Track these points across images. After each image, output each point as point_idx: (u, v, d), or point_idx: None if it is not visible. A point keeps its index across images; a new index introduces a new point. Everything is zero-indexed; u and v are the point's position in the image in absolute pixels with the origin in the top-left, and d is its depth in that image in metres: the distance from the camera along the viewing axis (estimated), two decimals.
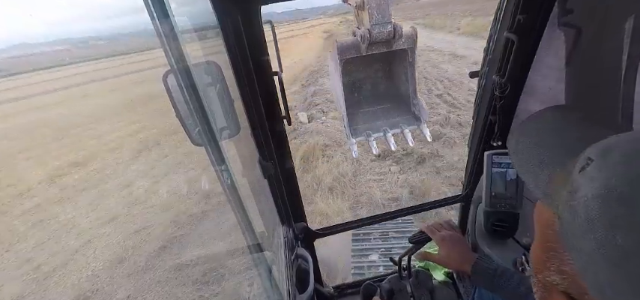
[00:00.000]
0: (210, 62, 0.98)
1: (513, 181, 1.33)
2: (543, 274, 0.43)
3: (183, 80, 0.73)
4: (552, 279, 0.40)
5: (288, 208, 1.45)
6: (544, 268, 0.42)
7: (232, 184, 0.93)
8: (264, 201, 1.37)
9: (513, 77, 1.26)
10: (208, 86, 0.97)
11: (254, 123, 1.14)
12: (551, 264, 0.40)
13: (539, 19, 1.16)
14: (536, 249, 0.45)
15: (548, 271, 0.41)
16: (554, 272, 0.40)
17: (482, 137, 1.49)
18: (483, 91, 1.42)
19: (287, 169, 1.39)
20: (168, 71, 0.77)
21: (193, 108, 0.77)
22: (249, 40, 1.04)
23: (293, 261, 1.36)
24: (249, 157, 1.26)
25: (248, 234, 1.08)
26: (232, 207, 0.99)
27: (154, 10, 0.61)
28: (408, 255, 1.61)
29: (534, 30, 1.18)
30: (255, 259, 1.19)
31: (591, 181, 0.32)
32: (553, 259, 0.40)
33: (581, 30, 1.07)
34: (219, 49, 1.00)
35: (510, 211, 1.36)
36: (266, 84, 1.14)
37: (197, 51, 0.98)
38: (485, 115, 1.43)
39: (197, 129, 0.82)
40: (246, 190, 1.18)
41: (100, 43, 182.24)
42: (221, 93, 1.01)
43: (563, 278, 0.38)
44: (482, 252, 1.49)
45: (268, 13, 1.12)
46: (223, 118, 1.03)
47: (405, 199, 4.53)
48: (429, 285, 1.71)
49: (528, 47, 1.21)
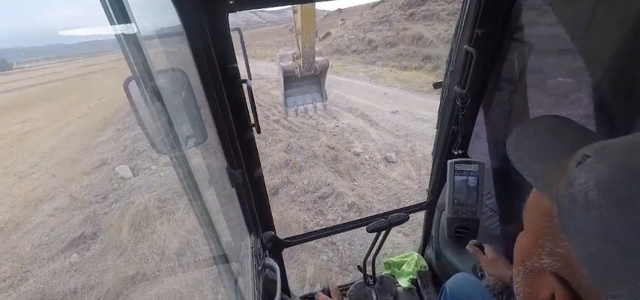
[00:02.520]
0: (176, 69, 0.97)
1: (474, 188, 1.40)
2: (531, 260, 0.47)
3: (147, 87, 0.72)
4: (543, 262, 0.44)
5: (257, 216, 1.44)
6: (533, 254, 0.47)
7: (198, 193, 0.93)
8: (231, 210, 1.36)
9: (474, 88, 1.33)
10: (174, 94, 0.95)
11: (222, 131, 1.13)
12: (544, 248, 0.44)
13: (497, 34, 1.23)
14: (527, 237, 0.50)
15: (538, 256, 0.45)
16: (546, 255, 0.44)
17: (446, 146, 1.55)
18: (446, 102, 1.48)
19: (255, 178, 1.38)
20: (129, 78, 0.76)
21: (157, 116, 0.77)
22: (217, 48, 1.03)
23: (260, 271, 1.35)
24: (217, 165, 1.25)
25: (213, 244, 1.07)
26: (197, 216, 0.98)
27: (113, 16, 0.60)
28: (373, 259, 1.65)
29: (492, 44, 1.24)
30: (220, 270, 1.18)
31: (589, 172, 0.37)
32: (546, 244, 0.44)
33: (532, 45, 1.15)
34: (185, 57, 0.99)
35: (471, 217, 1.42)
36: (234, 92, 1.14)
37: (162, 58, 0.97)
38: (448, 124, 1.49)
39: (161, 137, 0.82)
40: (213, 199, 1.17)
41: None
42: (187, 101, 1.00)
43: (555, 260, 0.42)
44: (445, 258, 1.55)
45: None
46: (190, 126, 1.02)
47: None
48: (393, 290, 1.77)
49: (487, 60, 1.28)
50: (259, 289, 1.26)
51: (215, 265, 1.13)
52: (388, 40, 14.21)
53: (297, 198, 4.54)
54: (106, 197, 5.30)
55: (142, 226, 4.37)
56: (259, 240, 1.47)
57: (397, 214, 1.51)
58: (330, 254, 3.35)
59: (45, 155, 8.02)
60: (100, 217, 4.72)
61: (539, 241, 0.45)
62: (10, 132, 11.00)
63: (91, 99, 15.24)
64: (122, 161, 6.67)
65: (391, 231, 1.51)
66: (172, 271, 3.51)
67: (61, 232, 4.48)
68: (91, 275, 3.62)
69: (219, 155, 1.20)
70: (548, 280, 0.43)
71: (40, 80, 31.71)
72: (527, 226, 0.50)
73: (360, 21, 18.10)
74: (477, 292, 1.16)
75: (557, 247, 0.42)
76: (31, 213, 5.17)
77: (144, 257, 3.79)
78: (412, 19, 14.57)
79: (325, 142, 5.84)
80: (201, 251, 3.74)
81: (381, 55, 13.81)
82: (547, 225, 0.44)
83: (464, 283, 1.23)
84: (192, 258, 3.68)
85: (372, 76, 11.93)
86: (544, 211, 0.45)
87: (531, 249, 0.47)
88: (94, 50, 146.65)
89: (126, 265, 3.69)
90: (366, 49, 15.01)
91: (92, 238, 4.31)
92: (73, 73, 36.06)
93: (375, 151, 5.79)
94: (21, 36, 70.87)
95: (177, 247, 3.86)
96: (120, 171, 6.10)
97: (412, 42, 12.91)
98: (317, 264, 3.17)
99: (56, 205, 5.28)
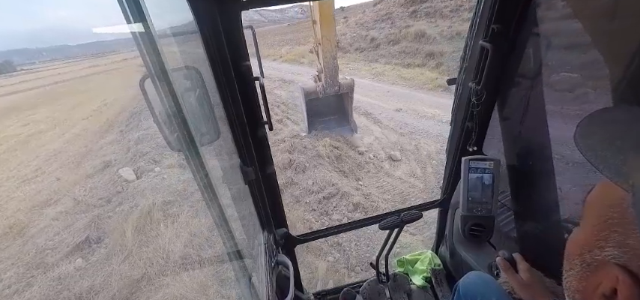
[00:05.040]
0: (190, 67, 0.97)
1: (489, 185, 1.37)
2: (592, 253, 0.46)
3: (162, 85, 0.71)
4: (606, 254, 0.43)
5: (269, 213, 1.44)
6: (594, 246, 0.46)
7: (212, 189, 0.92)
8: (244, 207, 1.36)
9: (489, 84, 1.30)
10: (188, 91, 0.95)
11: (235, 128, 1.13)
12: (609, 240, 0.43)
13: (513, 29, 1.21)
14: (587, 229, 0.49)
15: (601, 249, 0.44)
16: (612, 247, 0.43)
17: (460, 143, 1.53)
18: (460, 99, 1.46)
19: (268, 175, 1.37)
20: (145, 76, 0.74)
21: (172, 113, 0.76)
22: (230, 46, 1.03)
23: (273, 268, 1.34)
24: (230, 162, 1.24)
25: (227, 241, 1.06)
26: (211, 213, 0.97)
27: (130, 15, 0.60)
28: (386, 256, 1.63)
29: (508, 39, 1.22)
30: (234, 266, 1.17)
31: None
32: (612, 236, 0.43)
33: (550, 39, 1.12)
34: (199, 55, 0.99)
35: (486, 215, 1.40)
36: (247, 89, 1.13)
37: (176, 56, 0.96)
38: (463, 121, 1.47)
39: (176, 134, 0.81)
40: (227, 196, 1.16)
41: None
42: (201, 98, 1.00)
43: (624, 251, 0.41)
44: (459, 256, 1.53)
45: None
46: (203, 124, 1.01)
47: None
48: (406, 288, 1.75)
49: (502, 55, 1.26)
50: (273, 285, 1.25)
51: (229, 262, 1.12)
52: (391, 38, 14.18)
53: (301, 198, 4.51)
54: (110, 200, 5.29)
55: (147, 230, 4.33)
56: (272, 237, 1.46)
57: (409, 212, 1.49)
58: (337, 255, 3.32)
59: (49, 158, 8.04)
60: (104, 220, 4.72)
61: (604, 233, 0.44)
62: (15, 134, 11.07)
63: (95, 101, 15.27)
64: (126, 163, 6.64)
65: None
66: (177, 274, 3.48)
67: (66, 237, 4.48)
68: (96, 280, 3.61)
69: (232, 152, 1.20)
70: (610, 273, 0.42)
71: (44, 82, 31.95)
72: (589, 219, 0.49)
73: (363, 19, 18.10)
74: (491, 290, 1.12)
75: (627, 238, 0.41)
76: (35, 217, 5.17)
77: (148, 261, 3.76)
78: (414, 16, 14.54)
79: (329, 142, 5.81)
80: (211, 252, 3.72)
81: (383, 53, 13.77)
82: (616, 215, 0.43)
83: (477, 281, 1.20)
84: (198, 260, 3.65)
85: (374, 74, 11.91)
86: (613, 201, 0.44)
87: (593, 241, 0.46)
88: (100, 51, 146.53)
89: (131, 268, 3.68)
90: (368, 47, 14.99)
91: (97, 242, 4.30)
92: (77, 75, 36.16)
93: (379, 149, 5.76)
94: (31, 36, 67.03)
95: (181, 250, 3.82)
96: (123, 173, 6.05)
97: (415, 39, 12.87)
98: (323, 266, 3.14)
99: (60, 208, 5.28)
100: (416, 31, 13.04)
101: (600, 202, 0.47)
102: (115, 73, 31.91)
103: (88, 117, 12.34)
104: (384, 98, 8.81)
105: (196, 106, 0.99)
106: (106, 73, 34.14)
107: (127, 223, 4.44)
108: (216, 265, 3.51)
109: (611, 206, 0.44)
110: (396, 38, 13.85)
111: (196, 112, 0.99)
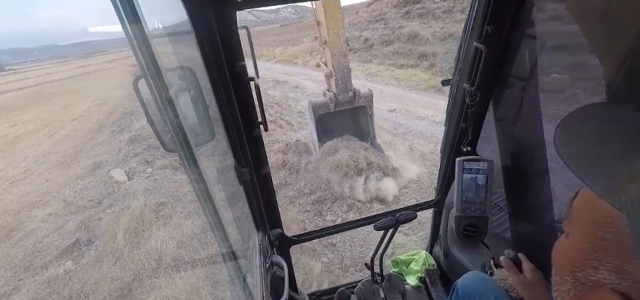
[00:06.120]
0: (185, 67, 0.96)
1: (483, 186, 1.38)
2: (585, 272, 0.41)
3: (156, 85, 0.70)
4: (601, 277, 0.38)
5: (264, 214, 1.43)
6: (587, 265, 0.40)
7: (206, 190, 0.91)
8: (239, 207, 1.35)
9: (483, 85, 1.31)
10: (182, 92, 0.94)
11: (229, 129, 1.12)
12: (603, 262, 0.38)
13: (506, 30, 1.22)
14: (579, 244, 0.43)
15: (595, 269, 0.39)
16: (608, 271, 0.38)
17: (454, 144, 1.53)
18: (454, 99, 1.47)
19: (263, 175, 1.37)
20: (139, 76, 0.74)
21: (166, 113, 0.75)
22: (225, 46, 1.02)
23: (268, 268, 1.33)
24: (225, 163, 1.23)
25: (222, 242, 1.06)
26: (206, 214, 0.96)
27: (124, 15, 0.59)
28: (380, 257, 1.63)
29: (502, 41, 1.23)
30: (229, 267, 1.16)
31: None
32: (608, 258, 0.38)
33: (544, 41, 1.13)
34: (193, 55, 0.98)
35: (480, 215, 1.41)
36: (241, 90, 1.12)
37: (170, 56, 0.95)
38: (457, 122, 1.47)
39: (170, 135, 0.80)
40: (221, 197, 1.15)
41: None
42: (195, 98, 0.99)
43: (622, 278, 0.36)
44: (454, 256, 1.54)
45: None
46: (198, 124, 1.01)
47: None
48: (401, 288, 1.75)
49: (496, 57, 1.26)
50: (267, 286, 1.24)
51: (223, 263, 1.12)
52: (384, 39, 14.27)
53: (295, 199, 4.49)
54: (101, 202, 5.21)
55: (139, 232, 4.26)
56: (267, 237, 1.46)
57: (404, 212, 1.50)
58: (331, 256, 3.33)
59: (38, 159, 7.90)
60: (94, 222, 4.64)
61: (597, 253, 0.40)
62: (2, 135, 10.87)
63: (85, 101, 15.07)
64: (117, 164, 6.54)
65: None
66: (169, 276, 3.42)
67: (55, 239, 4.41)
68: (86, 283, 3.55)
69: (227, 152, 1.19)
70: (606, 299, 0.38)
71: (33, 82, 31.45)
72: (578, 231, 0.44)
73: (356, 19, 18.15)
74: (489, 290, 1.13)
75: (624, 264, 0.36)
76: (24, 219, 5.08)
77: (140, 263, 3.70)
78: (408, 17, 14.66)
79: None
80: (204, 253, 3.69)
81: (377, 54, 13.85)
82: (609, 237, 0.38)
83: (476, 281, 1.20)
84: (191, 262, 3.62)
85: (368, 75, 11.98)
86: (604, 218, 0.39)
87: (585, 260, 0.42)
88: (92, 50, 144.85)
89: (122, 271, 3.63)
90: (362, 48, 15.05)
91: (87, 245, 4.23)
92: (67, 75, 35.67)
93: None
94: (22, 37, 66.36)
95: (174, 251, 3.76)
96: (115, 175, 5.95)
97: (408, 40, 12.97)
98: (318, 266, 3.14)
99: (49, 210, 5.19)
100: (409, 32, 13.15)
101: (589, 216, 0.42)
102: (105, 73, 31.69)
103: (78, 117, 12.18)
104: (378, 99, 8.82)
105: (191, 107, 0.98)
106: (97, 73, 33.80)
107: (119, 224, 4.37)
108: (209, 267, 3.48)
109: (601, 223, 0.39)
110: (390, 39, 13.94)
111: (191, 112, 0.98)
